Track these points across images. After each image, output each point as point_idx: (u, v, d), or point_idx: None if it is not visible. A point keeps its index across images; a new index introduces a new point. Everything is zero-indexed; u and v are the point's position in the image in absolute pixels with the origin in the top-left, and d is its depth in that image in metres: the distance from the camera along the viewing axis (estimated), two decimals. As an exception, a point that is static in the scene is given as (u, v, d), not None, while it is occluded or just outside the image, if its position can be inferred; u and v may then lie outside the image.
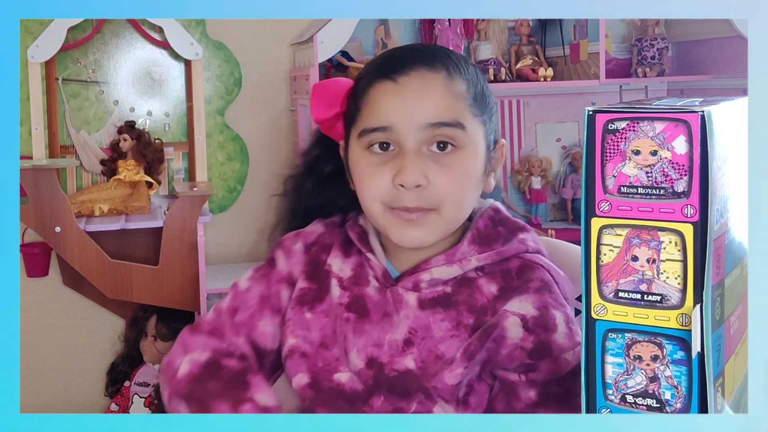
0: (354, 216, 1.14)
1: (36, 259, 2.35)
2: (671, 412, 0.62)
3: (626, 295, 0.63)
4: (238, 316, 1.10)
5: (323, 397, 1.03)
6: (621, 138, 0.62)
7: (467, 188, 1.03)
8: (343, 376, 1.04)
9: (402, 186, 0.99)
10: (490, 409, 1.03)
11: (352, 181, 1.09)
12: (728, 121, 0.64)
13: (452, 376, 0.99)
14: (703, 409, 0.61)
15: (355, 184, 1.08)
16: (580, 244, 0.65)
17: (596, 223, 0.64)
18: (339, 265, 1.10)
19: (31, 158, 2.31)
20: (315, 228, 1.16)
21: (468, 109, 1.02)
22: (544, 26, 2.50)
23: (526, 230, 1.09)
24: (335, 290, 1.08)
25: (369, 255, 1.08)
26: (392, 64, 1.04)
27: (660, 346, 0.63)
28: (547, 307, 1.01)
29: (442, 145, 1.00)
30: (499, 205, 1.12)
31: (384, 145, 1.02)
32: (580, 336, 1.00)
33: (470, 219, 1.10)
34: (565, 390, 0.99)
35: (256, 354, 1.10)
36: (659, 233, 0.62)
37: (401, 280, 1.05)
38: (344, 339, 1.04)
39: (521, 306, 1.01)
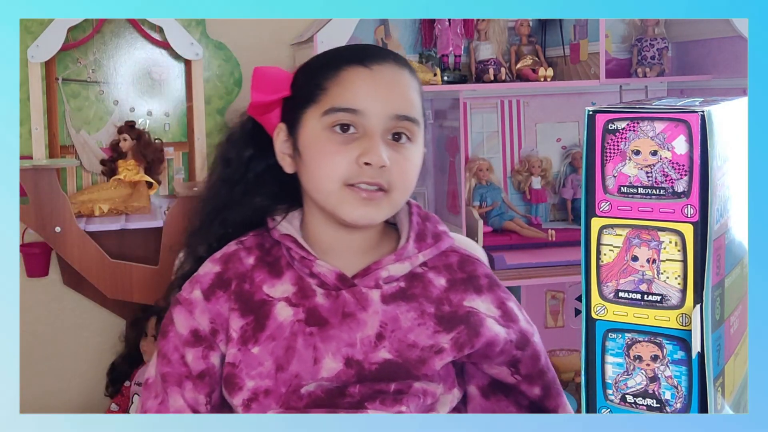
0: (274, 228, 1.12)
1: (36, 259, 2.35)
2: (671, 412, 0.62)
3: (626, 295, 0.63)
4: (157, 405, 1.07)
5: (300, 412, 1.04)
6: (621, 138, 0.62)
7: (414, 178, 1.09)
8: (310, 387, 1.04)
9: (368, 164, 1.03)
10: (498, 411, 1.12)
11: (295, 162, 1.10)
12: (728, 121, 0.64)
13: (441, 363, 1.06)
14: (703, 409, 0.61)
15: (306, 164, 1.08)
16: (580, 244, 0.65)
17: (596, 223, 0.64)
18: (275, 289, 1.08)
19: (31, 158, 2.31)
20: (208, 269, 1.11)
21: (421, 107, 1.10)
22: (544, 26, 2.50)
23: (441, 222, 1.18)
24: (285, 311, 1.06)
25: (319, 262, 1.08)
26: (365, 53, 1.09)
27: (660, 346, 0.63)
28: (503, 302, 1.12)
29: (398, 136, 1.06)
30: (414, 201, 1.18)
31: (345, 127, 1.05)
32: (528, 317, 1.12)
33: (394, 218, 1.16)
34: (555, 373, 1.13)
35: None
36: (659, 233, 0.62)
37: (359, 280, 1.08)
38: (313, 349, 1.04)
39: (487, 308, 1.10)
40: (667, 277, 0.62)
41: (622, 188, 0.63)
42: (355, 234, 1.10)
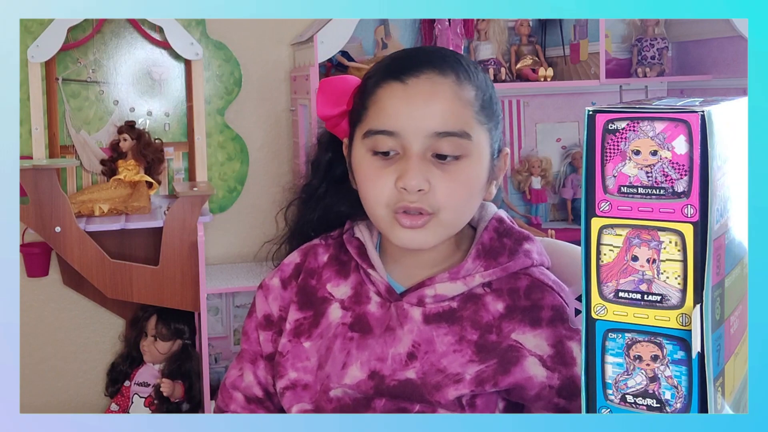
0: (350, 229, 1.12)
1: (36, 259, 2.35)
2: (671, 412, 0.62)
3: (626, 295, 0.63)
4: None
5: (326, 413, 1.04)
6: (621, 138, 0.62)
7: (468, 195, 1.02)
8: (337, 392, 1.04)
9: (404, 189, 0.98)
10: None
11: (354, 180, 1.07)
12: (728, 121, 0.64)
13: (456, 393, 1.00)
14: (703, 409, 0.61)
15: (358, 185, 1.06)
16: (580, 244, 0.65)
17: (596, 223, 0.64)
18: (338, 289, 1.08)
19: (31, 158, 2.31)
20: (292, 258, 1.14)
21: (475, 117, 1.01)
22: (544, 26, 2.50)
23: (531, 240, 1.08)
24: (336, 312, 1.07)
25: (370, 271, 1.06)
26: (402, 64, 1.02)
27: (660, 346, 0.62)
28: (562, 342, 1.01)
29: (442, 155, 0.99)
30: (503, 214, 1.11)
31: (385, 153, 1.00)
32: None
33: (474, 228, 1.09)
34: None
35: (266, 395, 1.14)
36: (659, 233, 0.62)
37: (406, 295, 1.04)
38: (346, 354, 1.04)
39: (537, 344, 1.01)
40: (667, 277, 0.62)
41: (622, 188, 0.63)
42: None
